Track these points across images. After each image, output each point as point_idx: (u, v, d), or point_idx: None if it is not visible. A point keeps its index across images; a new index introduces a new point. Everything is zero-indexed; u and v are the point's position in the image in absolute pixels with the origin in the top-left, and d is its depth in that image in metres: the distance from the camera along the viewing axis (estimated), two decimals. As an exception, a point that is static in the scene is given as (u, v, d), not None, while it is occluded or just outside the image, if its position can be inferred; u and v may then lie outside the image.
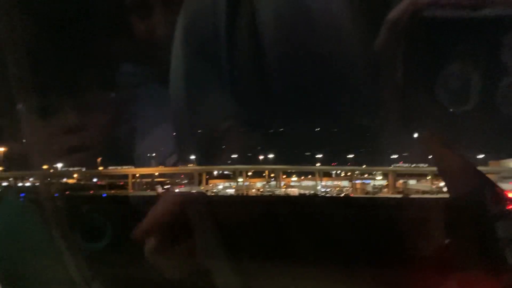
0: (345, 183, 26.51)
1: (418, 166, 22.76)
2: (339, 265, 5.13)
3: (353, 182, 26.99)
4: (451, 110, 1.77)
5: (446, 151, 2.13)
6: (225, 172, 28.46)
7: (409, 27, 1.74)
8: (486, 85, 1.68)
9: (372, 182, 26.26)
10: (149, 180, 25.59)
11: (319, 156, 22.18)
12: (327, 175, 28.89)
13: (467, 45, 1.73)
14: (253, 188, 25.94)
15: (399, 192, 23.12)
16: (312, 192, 24.31)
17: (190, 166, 20.67)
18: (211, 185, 26.39)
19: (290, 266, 5.31)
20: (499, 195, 2.19)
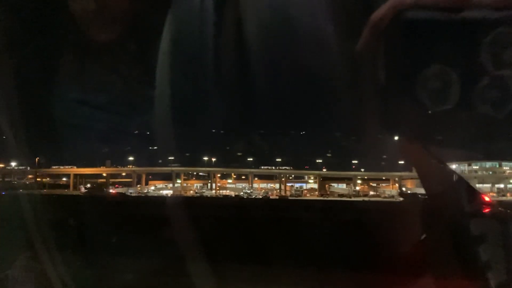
0: (277, 185, 28.02)
1: (340, 172, 24.85)
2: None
3: (285, 184, 28.76)
4: (430, 110, 1.46)
5: (424, 154, 1.78)
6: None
7: (390, 29, 1.49)
8: (465, 86, 1.42)
9: (305, 185, 28.06)
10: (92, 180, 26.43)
11: (250, 159, 23.96)
12: (269, 177, 30.42)
13: (447, 47, 1.48)
14: (190, 190, 27.41)
15: (322, 195, 25.25)
16: (239, 193, 25.90)
17: (130, 167, 22.63)
18: (150, 186, 27.74)
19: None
20: (474, 196, 1.86)
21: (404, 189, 34.26)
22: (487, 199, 1.83)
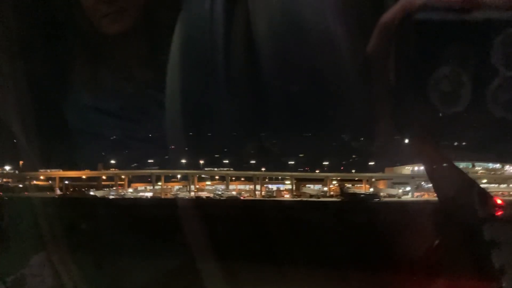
0: (258, 186, 29.23)
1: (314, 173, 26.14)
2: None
3: (263, 186, 30.03)
4: (442, 112, 1.51)
5: (436, 155, 1.82)
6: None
7: (400, 30, 1.49)
8: (476, 87, 1.44)
9: (282, 187, 29.45)
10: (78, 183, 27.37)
11: (226, 161, 24.84)
12: (250, 179, 31.45)
13: (458, 48, 1.48)
14: (171, 192, 28.41)
15: (295, 195, 26.74)
16: (211, 194, 26.91)
17: (112, 170, 23.60)
18: (130, 189, 28.57)
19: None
20: (487, 199, 1.86)
21: (377, 188, 34.84)
22: (499, 201, 1.86)
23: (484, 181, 43.91)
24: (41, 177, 29.37)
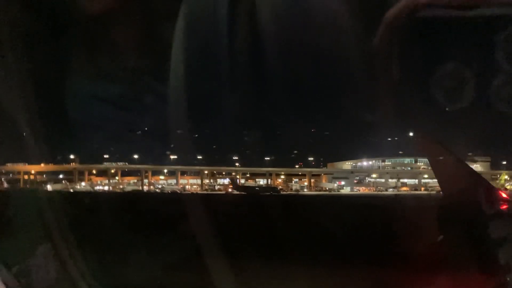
0: (206, 180, 33.34)
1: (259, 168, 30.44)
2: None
3: (215, 180, 34.12)
4: (445, 107, 2.32)
5: (441, 151, 1.75)
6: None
7: (405, 26, 1.47)
8: (480, 84, 1.82)
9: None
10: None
11: (174, 156, 29.07)
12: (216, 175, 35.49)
13: (462, 44, 2.46)
14: (126, 185, 32.25)
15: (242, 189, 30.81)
16: (152, 187, 31.08)
17: (73, 164, 28.02)
18: (89, 182, 32.78)
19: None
20: (494, 195, 1.76)
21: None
22: (504, 195, 1.81)
23: (426, 176, 46.04)
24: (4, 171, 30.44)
